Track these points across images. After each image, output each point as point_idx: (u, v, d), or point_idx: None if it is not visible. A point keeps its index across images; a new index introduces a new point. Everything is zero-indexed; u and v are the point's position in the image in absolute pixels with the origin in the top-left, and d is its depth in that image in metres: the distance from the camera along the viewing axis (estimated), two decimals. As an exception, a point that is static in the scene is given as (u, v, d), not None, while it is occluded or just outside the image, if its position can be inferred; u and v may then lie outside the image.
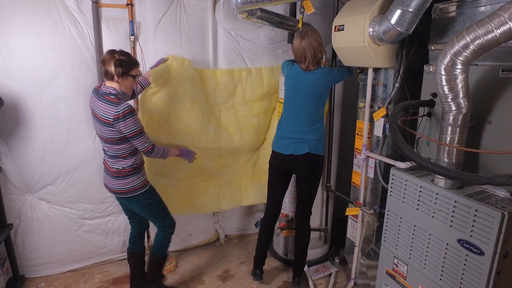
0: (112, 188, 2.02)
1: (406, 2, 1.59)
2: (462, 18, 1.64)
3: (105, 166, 2.04)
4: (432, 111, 1.87)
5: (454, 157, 1.60)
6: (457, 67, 1.40)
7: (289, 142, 2.13)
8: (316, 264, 2.65)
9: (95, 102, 1.85)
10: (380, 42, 1.79)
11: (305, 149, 2.10)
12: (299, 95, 2.11)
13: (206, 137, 2.47)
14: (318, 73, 2.07)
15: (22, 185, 2.31)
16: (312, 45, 2.02)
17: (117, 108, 1.76)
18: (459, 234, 1.51)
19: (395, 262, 1.93)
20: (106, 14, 2.28)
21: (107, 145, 1.91)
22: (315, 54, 2.05)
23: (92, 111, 1.89)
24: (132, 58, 1.93)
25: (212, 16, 2.52)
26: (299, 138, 2.12)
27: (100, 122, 1.83)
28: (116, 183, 1.97)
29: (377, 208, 2.18)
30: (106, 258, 2.66)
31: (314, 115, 2.13)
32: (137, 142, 1.87)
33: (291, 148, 2.12)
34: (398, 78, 1.96)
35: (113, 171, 1.95)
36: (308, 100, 2.10)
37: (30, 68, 2.16)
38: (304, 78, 2.08)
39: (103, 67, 1.84)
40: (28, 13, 2.09)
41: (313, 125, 2.13)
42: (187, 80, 2.35)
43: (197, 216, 2.81)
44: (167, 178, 2.51)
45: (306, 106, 2.11)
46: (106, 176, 2.03)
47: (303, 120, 2.12)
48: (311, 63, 2.06)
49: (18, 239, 2.37)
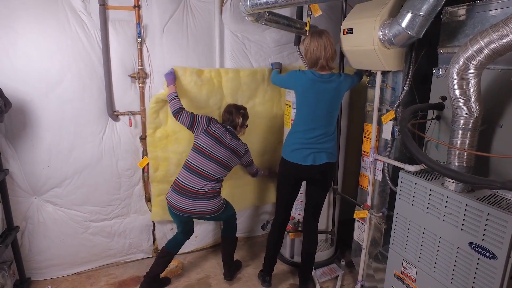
0: (199, 211, 2.23)
1: (417, 6, 1.59)
2: (473, 22, 1.64)
3: (184, 189, 2.21)
4: (441, 114, 1.87)
5: (465, 161, 1.60)
6: (470, 71, 1.40)
7: (308, 152, 2.11)
8: (323, 267, 2.65)
9: (224, 133, 2.30)
10: (390, 45, 1.79)
11: (324, 159, 2.11)
12: (321, 107, 2.07)
13: None
14: (337, 82, 2.05)
15: (29, 187, 2.30)
16: (331, 42, 2.03)
17: (245, 146, 2.40)
18: (470, 238, 1.51)
19: (403, 265, 1.93)
20: (113, 16, 2.28)
21: (218, 169, 2.26)
22: (335, 52, 2.06)
23: (217, 136, 2.27)
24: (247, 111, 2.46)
25: (219, 18, 2.52)
26: (318, 148, 2.11)
27: (230, 151, 2.29)
28: (208, 204, 2.23)
29: (385, 211, 2.18)
30: (111, 261, 2.65)
31: (332, 124, 2.14)
32: (251, 167, 2.55)
33: (310, 158, 2.10)
34: (407, 81, 1.96)
35: (208, 192, 2.21)
36: (330, 110, 2.09)
37: (37, 70, 2.15)
38: (325, 88, 2.04)
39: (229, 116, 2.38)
40: (36, 15, 2.08)
41: (330, 134, 2.14)
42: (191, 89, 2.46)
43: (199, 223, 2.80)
44: None
45: (327, 117, 2.10)
46: (186, 200, 2.21)
47: (322, 130, 2.10)
48: (331, 58, 2.03)
49: (24, 241, 2.36)
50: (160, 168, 2.55)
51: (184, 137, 2.51)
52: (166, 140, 2.52)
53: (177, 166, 2.52)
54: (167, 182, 2.54)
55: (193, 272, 2.61)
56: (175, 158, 2.55)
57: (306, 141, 2.11)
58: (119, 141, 2.45)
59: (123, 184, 2.53)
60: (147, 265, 2.65)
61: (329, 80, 2.04)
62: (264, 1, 1.87)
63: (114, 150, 2.45)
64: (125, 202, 2.57)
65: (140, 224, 2.65)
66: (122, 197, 2.55)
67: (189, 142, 2.46)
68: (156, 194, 2.60)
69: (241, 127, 2.39)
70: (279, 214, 2.34)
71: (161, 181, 2.58)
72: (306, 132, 2.11)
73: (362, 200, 2.38)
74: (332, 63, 2.06)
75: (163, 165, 2.56)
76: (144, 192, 2.62)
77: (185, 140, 2.52)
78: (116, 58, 2.34)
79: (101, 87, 2.33)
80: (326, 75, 2.05)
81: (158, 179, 2.57)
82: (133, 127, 2.46)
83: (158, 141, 2.50)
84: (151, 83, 2.44)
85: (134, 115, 2.45)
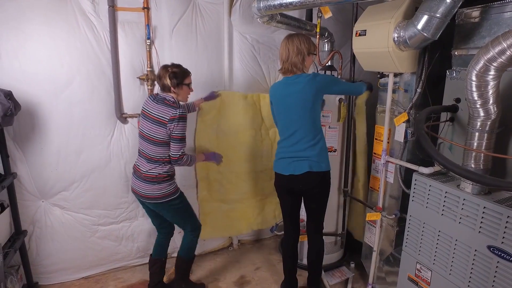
0: (143, 194, 2.05)
1: (434, 8, 1.58)
2: (489, 24, 1.64)
3: (136, 171, 2.08)
4: (454, 116, 1.87)
5: (481, 163, 1.59)
6: (490, 73, 1.39)
7: (288, 161, 1.98)
8: (332, 269, 2.64)
9: (150, 104, 2.03)
10: (405, 47, 1.78)
11: (305, 168, 1.93)
12: (292, 112, 1.92)
13: (260, 160, 2.74)
14: (302, 83, 1.87)
15: (36, 191, 2.27)
16: (298, 44, 1.88)
17: (175, 111, 1.94)
18: (489, 241, 1.50)
19: (417, 268, 1.92)
20: (122, 17, 2.26)
21: (150, 147, 2.00)
22: (299, 54, 1.89)
23: (144, 112, 2.04)
24: (183, 68, 2.07)
25: (228, 20, 2.51)
26: (298, 156, 1.95)
27: (153, 122, 1.98)
28: (149, 188, 2.02)
29: (398, 213, 2.17)
30: (119, 265, 2.62)
31: (312, 128, 1.94)
32: (174, 145, 1.98)
33: (291, 168, 1.97)
34: (420, 83, 1.96)
35: (148, 176, 2.01)
36: (302, 114, 1.90)
37: (46, 73, 2.13)
38: (290, 92, 1.91)
39: (159, 81, 2.04)
40: (45, 17, 2.07)
41: (312, 140, 1.94)
42: (239, 113, 2.58)
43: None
44: (229, 203, 2.73)
45: (301, 121, 1.92)
46: (137, 181, 2.06)
47: (300, 136, 1.94)
48: (296, 61, 1.89)
49: (32, 245, 2.33)
50: (210, 188, 2.67)
51: (234, 158, 2.61)
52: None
53: (227, 184, 2.67)
54: (216, 200, 2.69)
55: (202, 276, 2.59)
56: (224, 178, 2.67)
57: (286, 149, 2.00)
58: (128, 144, 2.43)
59: (131, 187, 2.50)
60: (155, 269, 2.65)
61: (294, 82, 1.90)
62: (278, 3, 1.87)
63: (122, 153, 2.43)
64: (133, 205, 2.54)
65: (148, 228, 2.63)
66: (130, 200, 2.52)
67: (239, 161, 2.63)
68: (206, 212, 2.70)
69: (177, 88, 2.02)
70: (286, 229, 2.22)
71: (209, 200, 2.69)
72: (285, 141, 2.01)
73: (372, 203, 2.37)
74: (300, 67, 1.91)
75: (214, 185, 2.67)
76: (152, 195, 2.59)
77: (235, 160, 2.63)
78: (125, 60, 2.32)
79: (110, 89, 2.31)
80: (291, 77, 1.93)
81: (206, 199, 2.68)
82: (142, 129, 2.44)
83: (208, 164, 2.55)
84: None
85: (142, 118, 2.43)
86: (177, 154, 1.99)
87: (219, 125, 2.57)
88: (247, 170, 2.69)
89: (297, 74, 1.92)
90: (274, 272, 2.65)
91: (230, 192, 2.69)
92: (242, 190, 2.71)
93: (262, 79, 2.73)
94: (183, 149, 2.01)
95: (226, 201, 2.72)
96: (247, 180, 2.70)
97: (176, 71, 2.01)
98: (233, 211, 2.75)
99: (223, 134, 2.58)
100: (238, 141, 2.61)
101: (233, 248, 2.96)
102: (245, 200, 2.76)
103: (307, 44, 1.91)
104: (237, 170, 2.65)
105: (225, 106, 2.55)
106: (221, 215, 2.72)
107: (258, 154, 2.72)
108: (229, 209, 2.74)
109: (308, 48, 1.91)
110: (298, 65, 1.90)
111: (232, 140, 2.60)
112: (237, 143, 2.61)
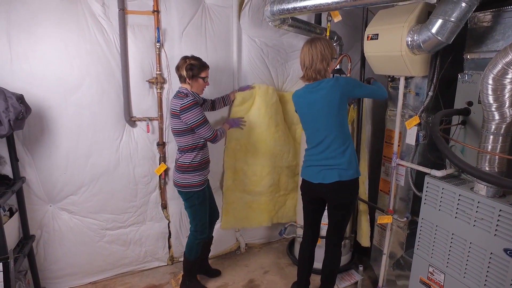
0: (174, 181, 2.22)
1: (448, 12, 1.60)
2: (503, 27, 1.65)
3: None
4: (466, 119, 1.88)
5: (496, 166, 1.60)
6: (507, 76, 1.41)
7: (317, 170, 1.94)
8: (341, 272, 2.63)
9: (171, 100, 2.12)
10: (418, 51, 1.79)
11: (335, 177, 1.88)
12: (318, 120, 1.89)
13: (286, 156, 2.78)
14: (325, 88, 1.82)
15: (44, 195, 2.25)
16: (321, 50, 1.82)
17: (183, 101, 2.01)
18: (505, 244, 1.51)
19: (430, 271, 1.92)
20: (132, 20, 2.26)
21: (175, 138, 2.16)
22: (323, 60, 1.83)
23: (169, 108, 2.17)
24: (202, 61, 2.14)
25: (237, 23, 2.51)
26: (328, 165, 1.90)
27: (171, 115, 2.11)
28: (176, 176, 2.19)
29: (409, 216, 2.17)
30: (127, 269, 2.60)
31: (341, 134, 1.89)
32: (202, 131, 2.07)
33: (320, 176, 1.93)
34: (432, 87, 1.97)
35: (177, 165, 2.18)
36: (328, 121, 1.86)
37: (56, 75, 2.11)
38: (314, 99, 1.86)
39: (177, 72, 2.13)
40: (56, 20, 2.05)
41: (341, 146, 1.89)
42: (272, 107, 2.61)
43: (217, 225, 2.77)
44: (252, 194, 2.77)
45: (329, 128, 1.87)
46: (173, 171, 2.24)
47: (329, 144, 1.89)
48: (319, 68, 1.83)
49: (39, 250, 2.30)
50: (236, 177, 2.70)
51: (261, 151, 2.66)
52: (245, 152, 2.66)
53: (251, 176, 2.69)
54: (240, 191, 2.73)
55: (211, 280, 2.57)
56: (250, 169, 2.70)
57: (315, 157, 1.96)
58: (136, 148, 2.42)
59: (139, 191, 2.49)
60: (163, 273, 2.63)
61: (317, 88, 1.85)
62: (292, 7, 1.87)
63: (131, 157, 2.41)
64: (141, 210, 2.53)
65: (156, 232, 2.61)
66: (138, 205, 2.50)
67: (265, 155, 2.67)
68: (230, 201, 2.73)
69: (192, 80, 2.08)
70: (305, 232, 2.20)
71: (233, 190, 2.72)
72: (313, 148, 1.98)
73: (383, 205, 2.38)
74: (324, 74, 1.86)
75: (239, 175, 2.70)
76: (161, 199, 2.58)
77: (262, 153, 2.66)
78: (134, 63, 2.31)
79: (119, 92, 2.30)
80: (313, 83, 1.88)
81: (231, 188, 2.71)
82: (151, 133, 2.43)
83: (236, 153, 2.65)
84: (169, 88, 2.42)
85: (151, 121, 2.42)
86: (210, 134, 2.10)
87: (251, 117, 2.59)
88: (273, 164, 2.71)
89: (319, 80, 1.86)
90: (283, 275, 2.64)
91: (254, 184, 2.71)
92: (267, 183, 2.72)
93: (270, 82, 2.73)
94: (211, 128, 2.11)
95: (249, 192, 2.75)
96: (272, 173, 2.72)
97: (193, 63, 2.08)
98: (256, 203, 2.78)
99: (254, 126, 2.60)
100: (268, 134, 2.63)
101: (241, 251, 2.95)
102: (268, 193, 2.78)
103: (330, 49, 1.85)
104: (263, 163, 2.67)
105: (258, 99, 2.57)
106: (244, 205, 2.76)
107: (285, 149, 2.75)
108: (252, 200, 2.77)
109: (331, 53, 1.85)
110: (322, 72, 1.84)
111: (262, 133, 2.62)
112: (266, 136, 2.63)
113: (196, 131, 2.07)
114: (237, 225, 2.82)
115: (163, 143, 2.48)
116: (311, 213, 2.14)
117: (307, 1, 1.83)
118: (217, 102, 2.47)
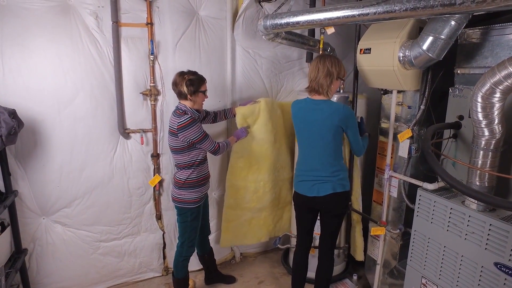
0: (171, 194, 2.25)
1: (439, 30, 1.62)
2: (491, 44, 1.68)
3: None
4: (457, 133, 1.91)
5: (486, 181, 1.63)
6: (495, 95, 1.43)
7: (310, 184, 1.99)
8: (335, 282, 2.64)
9: (170, 118, 2.09)
10: (410, 66, 1.82)
11: (329, 190, 1.95)
12: (312, 139, 1.95)
13: (287, 169, 2.75)
14: (327, 112, 1.86)
15: (37, 208, 2.23)
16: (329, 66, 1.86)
17: (180, 119, 1.99)
18: (496, 258, 1.53)
19: (423, 282, 1.94)
20: (126, 33, 2.26)
21: (172, 155, 2.16)
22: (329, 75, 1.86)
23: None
24: (199, 75, 2.11)
25: (231, 35, 2.52)
26: (322, 179, 1.97)
27: (168, 132, 2.08)
28: (174, 191, 2.19)
29: (402, 228, 2.19)
30: (121, 281, 2.59)
31: (334, 155, 1.95)
32: (205, 145, 2.09)
33: (314, 190, 1.98)
34: (424, 100, 2.00)
35: (174, 180, 2.20)
36: (323, 143, 1.92)
37: (50, 89, 2.11)
38: (314, 119, 1.91)
39: (175, 88, 2.06)
40: (49, 33, 2.05)
41: (335, 165, 1.96)
42: (276, 121, 2.57)
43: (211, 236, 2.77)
44: (253, 211, 2.71)
45: (323, 148, 1.93)
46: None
47: (324, 160, 1.95)
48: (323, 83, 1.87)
49: (32, 264, 2.28)
50: (237, 196, 2.63)
51: (264, 167, 2.58)
52: (248, 170, 2.57)
53: (253, 193, 2.61)
54: (241, 208, 2.65)
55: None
56: (252, 186, 2.62)
57: (307, 173, 2.02)
58: (131, 160, 2.41)
59: (134, 203, 2.48)
60: (157, 284, 2.62)
61: (319, 108, 1.89)
62: (285, 22, 1.89)
63: (125, 169, 2.41)
64: (136, 221, 2.52)
65: (151, 243, 2.60)
66: (133, 216, 2.50)
67: (268, 170, 2.58)
68: (230, 219, 2.67)
69: (193, 95, 2.05)
70: (299, 241, 2.24)
71: (235, 208, 2.66)
72: (305, 164, 2.04)
73: (376, 216, 2.40)
74: (326, 90, 1.88)
75: (241, 193, 2.63)
76: (155, 210, 2.57)
77: (265, 169, 2.58)
78: (128, 75, 2.31)
79: (113, 104, 2.29)
80: (317, 101, 1.92)
81: (232, 206, 2.65)
82: (145, 144, 2.43)
83: (240, 171, 2.56)
84: (163, 100, 2.42)
85: (145, 133, 2.42)
86: (212, 148, 2.12)
87: (256, 133, 2.50)
88: (275, 178, 2.67)
89: (323, 100, 1.91)
90: (277, 285, 2.65)
91: (256, 201, 2.66)
92: (269, 198, 2.68)
93: (264, 93, 2.75)
94: (213, 141, 2.12)
95: (251, 209, 2.70)
96: (274, 188, 2.68)
97: (192, 78, 2.04)
98: (255, 219, 2.75)
99: (259, 142, 2.53)
100: (272, 149, 2.57)
101: (235, 261, 2.95)
102: (269, 208, 2.75)
103: (338, 68, 1.88)
104: (266, 178, 2.61)
105: (265, 114, 2.47)
106: (243, 223, 2.71)
107: (286, 162, 2.73)
108: (252, 217, 2.73)
109: (338, 72, 1.88)
110: (325, 87, 1.87)
111: (268, 149, 2.55)
112: (271, 152, 2.57)
113: (197, 146, 2.08)
114: (236, 242, 2.79)
115: (157, 154, 2.48)
116: (307, 223, 2.18)
117: (299, 16, 1.85)
118: (218, 115, 2.43)
